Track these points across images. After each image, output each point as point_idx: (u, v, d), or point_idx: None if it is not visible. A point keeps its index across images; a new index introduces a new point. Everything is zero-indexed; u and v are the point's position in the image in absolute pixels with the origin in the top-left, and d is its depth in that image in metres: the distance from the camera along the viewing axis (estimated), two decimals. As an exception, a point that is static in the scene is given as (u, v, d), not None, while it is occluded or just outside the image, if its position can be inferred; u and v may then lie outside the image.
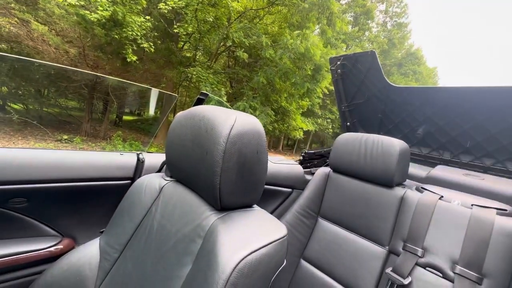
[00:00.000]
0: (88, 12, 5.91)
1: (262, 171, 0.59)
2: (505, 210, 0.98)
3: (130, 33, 6.40)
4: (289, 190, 1.52)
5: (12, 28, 5.87)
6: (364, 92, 1.68)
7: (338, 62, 1.64)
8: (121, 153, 1.15)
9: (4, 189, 0.84)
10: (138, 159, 1.13)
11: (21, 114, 6.86)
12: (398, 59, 23.29)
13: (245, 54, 8.82)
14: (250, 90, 10.40)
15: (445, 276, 0.92)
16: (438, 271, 0.94)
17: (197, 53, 10.50)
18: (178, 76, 9.21)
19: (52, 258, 0.92)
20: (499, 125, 1.22)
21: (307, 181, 1.49)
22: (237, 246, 0.47)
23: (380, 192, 1.17)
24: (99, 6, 5.89)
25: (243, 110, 8.92)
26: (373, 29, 23.28)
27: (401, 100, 1.54)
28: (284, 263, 0.54)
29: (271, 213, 1.48)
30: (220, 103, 2.05)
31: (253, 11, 10.31)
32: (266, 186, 1.35)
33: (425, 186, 1.24)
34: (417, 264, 0.98)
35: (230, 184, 0.54)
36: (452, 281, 0.89)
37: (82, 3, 5.75)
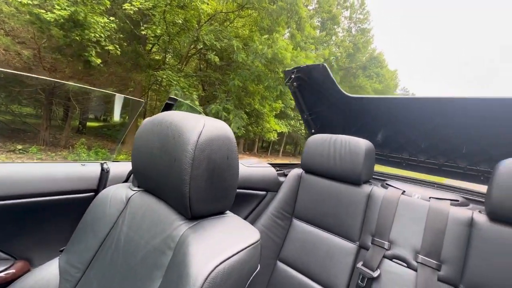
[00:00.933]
0: (43, 11, 5.44)
1: (233, 176, 0.59)
2: (457, 200, 1.09)
3: (93, 34, 6.01)
4: (263, 193, 1.53)
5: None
6: (323, 101, 1.72)
7: (293, 75, 1.64)
8: (83, 163, 1.07)
9: None
10: (102, 169, 1.06)
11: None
12: (363, 62, 24.74)
13: (216, 57, 8.75)
14: (223, 93, 10.33)
15: (409, 266, 0.99)
16: (403, 261, 1.00)
17: (166, 55, 10.20)
18: (147, 80, 8.85)
19: (3, 285, 0.83)
20: (445, 130, 1.35)
21: (280, 183, 1.51)
22: (209, 255, 0.46)
23: (349, 190, 1.22)
24: (56, 5, 5.45)
25: (217, 113, 8.83)
26: (339, 34, 24.50)
27: (359, 108, 1.61)
28: (258, 268, 0.54)
29: (246, 217, 1.48)
30: (191, 108, 2.00)
31: (223, 14, 10.29)
32: (239, 190, 1.34)
33: (390, 182, 1.32)
34: (384, 256, 1.04)
35: (200, 192, 0.53)
36: (415, 270, 0.96)
37: (36, 2, 5.28)
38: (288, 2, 9.79)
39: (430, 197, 1.10)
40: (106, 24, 6.36)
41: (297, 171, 1.45)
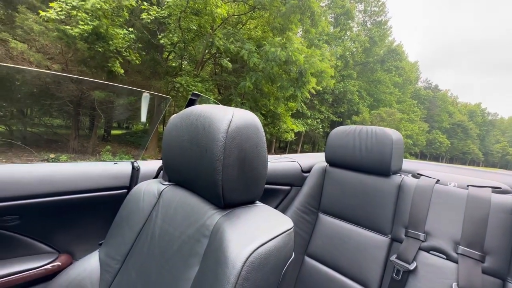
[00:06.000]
0: (68, 27, 5.80)
1: (262, 165, 0.58)
2: (499, 188, 1.01)
3: (114, 46, 6.32)
4: (288, 187, 1.51)
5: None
6: None
7: None
8: (115, 162, 1.11)
9: None
10: (133, 167, 1.10)
11: (4, 136, 6.63)
12: (380, 56, 23.96)
13: (229, 63, 8.86)
14: (239, 96, 10.43)
15: (449, 258, 0.93)
16: (442, 253, 0.95)
17: (182, 62, 10.48)
18: (165, 86, 9.14)
19: (50, 276, 0.88)
20: None
21: (305, 178, 1.49)
22: (245, 240, 0.46)
23: (377, 182, 1.18)
24: (79, 21, 5.80)
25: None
26: (354, 29, 23.93)
27: None
28: (293, 256, 0.54)
29: None
30: (213, 103, 2.02)
31: (235, 17, 10.41)
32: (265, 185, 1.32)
33: (421, 171, 1.26)
34: (420, 248, 0.99)
35: (232, 180, 0.53)
36: (456, 262, 0.91)
37: (62, 17, 5.65)
38: (299, -2, 9.71)
39: (468, 185, 1.03)
40: (126, 35, 6.67)
41: (321, 164, 1.42)
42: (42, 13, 5.59)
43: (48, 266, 0.89)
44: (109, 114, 8.88)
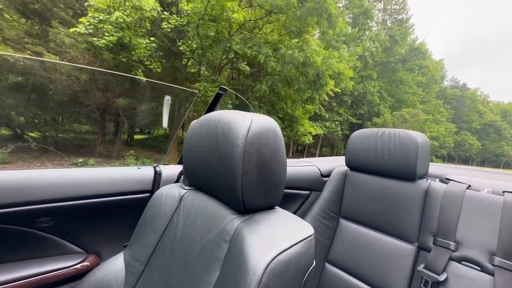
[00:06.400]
0: (95, 38, 6.18)
1: (281, 170, 0.58)
2: None
3: (137, 55, 6.64)
4: (307, 192, 1.49)
5: (27, 61, 6.20)
6: None
7: None
8: (139, 167, 1.16)
9: (31, 209, 0.86)
10: (155, 172, 1.14)
11: (39, 141, 7.12)
12: (402, 55, 23.09)
13: (247, 67, 8.94)
14: (256, 100, 10.48)
15: (483, 270, 0.87)
16: (475, 264, 0.89)
17: (201, 68, 10.73)
18: (185, 91, 9.42)
19: (79, 275, 0.92)
20: None
21: (324, 182, 1.46)
22: (266, 247, 0.46)
23: (402, 187, 1.13)
24: (105, 32, 6.16)
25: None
26: (373, 28, 23.30)
27: None
28: (314, 263, 0.53)
29: None
30: (238, 98, 2.02)
31: (252, 22, 10.52)
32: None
33: (449, 176, 1.19)
34: (450, 258, 0.93)
35: (251, 185, 0.53)
36: (491, 274, 0.84)
37: (91, 31, 6.03)
38: (316, 0, 9.62)
39: (504, 191, 0.96)
40: (147, 44, 6.97)
41: (342, 168, 1.39)
42: (73, 29, 6.03)
43: (78, 266, 0.94)
44: (132, 120, 9.29)
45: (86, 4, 6.39)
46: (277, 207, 0.62)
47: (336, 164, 1.58)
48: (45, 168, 0.98)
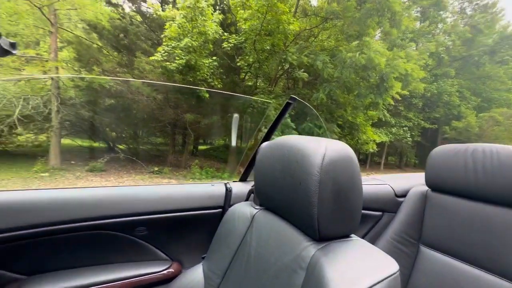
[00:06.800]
0: (168, 63, 7.12)
1: (358, 197, 0.57)
2: None
3: (201, 75, 7.38)
4: (379, 213, 1.38)
5: (118, 86, 7.55)
6: None
7: None
8: (213, 183, 1.27)
9: (133, 220, 1.03)
10: (226, 189, 1.23)
11: (125, 153, 8.47)
12: (489, 46, 19.39)
13: (305, 74, 8.87)
14: (313, 109, 10.27)
15: None
16: None
17: (257, 80, 11.15)
18: (242, 105, 9.92)
19: (166, 280, 1.06)
20: None
21: (399, 203, 1.33)
22: (347, 282, 0.44)
23: (505, 215, 0.94)
24: (176, 57, 7.04)
25: (308, 131, 8.82)
26: (448, 20, 20.34)
27: None
28: None
29: None
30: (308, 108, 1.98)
31: (307, 31, 10.47)
32: None
33: None
34: None
35: (327, 213, 0.53)
36: None
37: (165, 57, 6.99)
38: (377, 1, 8.99)
39: None
40: (210, 64, 7.66)
41: (420, 188, 1.24)
42: (152, 58, 7.11)
43: (165, 271, 1.08)
44: (197, 132, 10.23)
45: (162, 36, 7.43)
46: (353, 235, 0.60)
47: (412, 183, 1.42)
48: (139, 185, 1.18)
